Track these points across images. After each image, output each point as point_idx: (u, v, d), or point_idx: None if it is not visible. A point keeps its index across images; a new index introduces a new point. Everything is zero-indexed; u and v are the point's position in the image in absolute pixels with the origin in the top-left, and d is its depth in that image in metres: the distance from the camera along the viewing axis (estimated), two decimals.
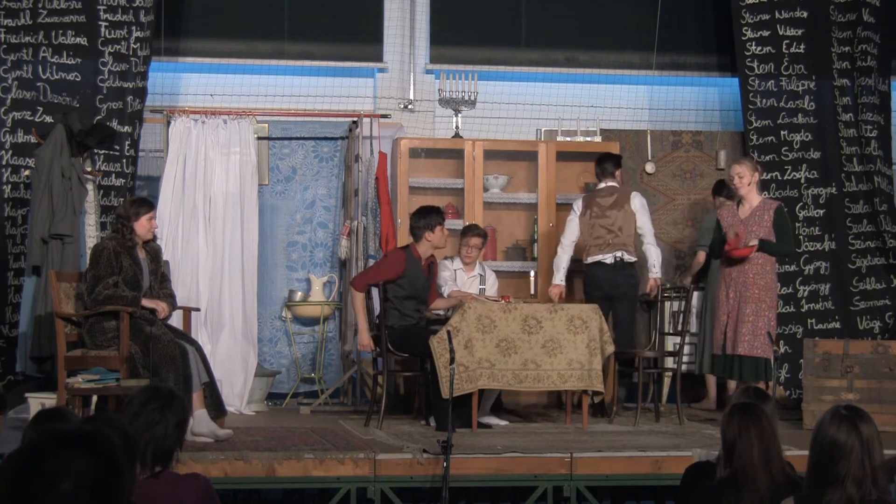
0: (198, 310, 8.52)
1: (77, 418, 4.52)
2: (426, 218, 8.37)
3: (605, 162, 9.17)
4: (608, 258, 8.95)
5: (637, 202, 9.03)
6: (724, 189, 9.75)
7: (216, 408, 7.37)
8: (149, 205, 7.47)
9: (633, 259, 9.01)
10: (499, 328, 7.86)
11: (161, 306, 7.37)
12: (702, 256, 9.63)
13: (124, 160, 9.65)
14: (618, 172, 9.22)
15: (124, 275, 7.23)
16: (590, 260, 9.03)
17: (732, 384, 9.02)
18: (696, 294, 9.36)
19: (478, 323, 7.83)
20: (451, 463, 6.15)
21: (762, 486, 4.08)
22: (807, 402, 8.36)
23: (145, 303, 7.33)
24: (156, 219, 7.53)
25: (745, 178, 8.40)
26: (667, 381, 9.42)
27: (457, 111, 10.06)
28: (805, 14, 10.59)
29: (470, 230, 8.85)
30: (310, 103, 10.30)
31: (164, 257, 8.92)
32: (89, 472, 2.45)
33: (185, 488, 4.08)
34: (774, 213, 8.39)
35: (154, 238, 7.54)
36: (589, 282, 9.08)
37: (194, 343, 7.43)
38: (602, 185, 9.15)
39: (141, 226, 7.31)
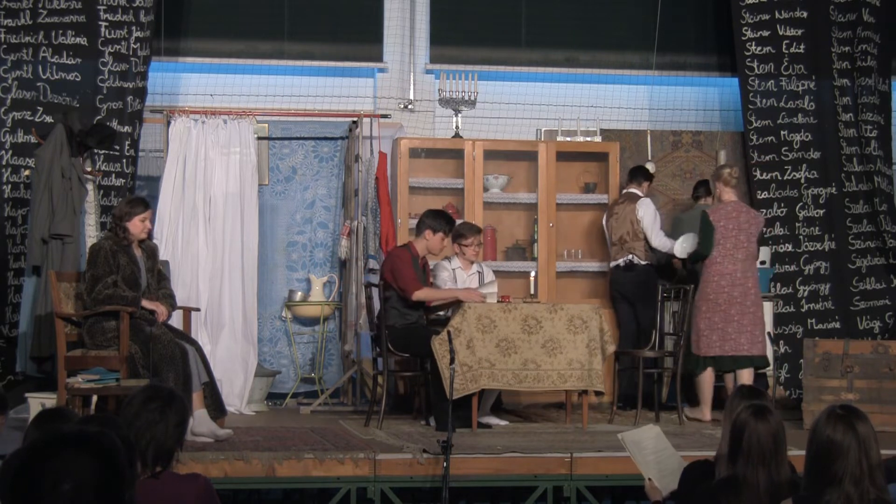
0: (198, 310, 8.52)
1: (78, 418, 4.52)
2: (436, 220, 8.41)
3: (637, 171, 9.79)
4: (621, 261, 9.57)
5: (641, 210, 9.51)
6: (700, 188, 10.06)
7: (216, 408, 7.37)
8: (144, 204, 7.47)
9: (644, 262, 9.49)
10: (499, 328, 7.86)
11: (161, 309, 7.37)
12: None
13: (124, 160, 9.65)
14: (646, 184, 9.73)
15: (122, 273, 7.24)
16: (611, 264, 9.68)
17: (730, 384, 9.05)
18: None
19: (478, 323, 7.84)
20: (451, 463, 6.15)
21: (762, 486, 4.08)
22: (807, 402, 8.36)
23: (145, 303, 7.33)
24: (150, 219, 7.50)
25: (716, 188, 8.93)
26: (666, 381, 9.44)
27: (457, 111, 10.06)
28: (805, 14, 10.59)
29: (468, 230, 8.73)
30: (310, 103, 10.30)
31: (165, 257, 8.94)
32: (91, 473, 2.45)
33: (186, 488, 4.09)
34: None
35: (149, 237, 7.55)
36: (610, 284, 9.76)
37: (194, 343, 7.43)
38: (625, 190, 9.76)
39: (134, 225, 7.33)
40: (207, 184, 9.33)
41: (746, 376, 8.58)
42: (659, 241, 9.46)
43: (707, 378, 8.72)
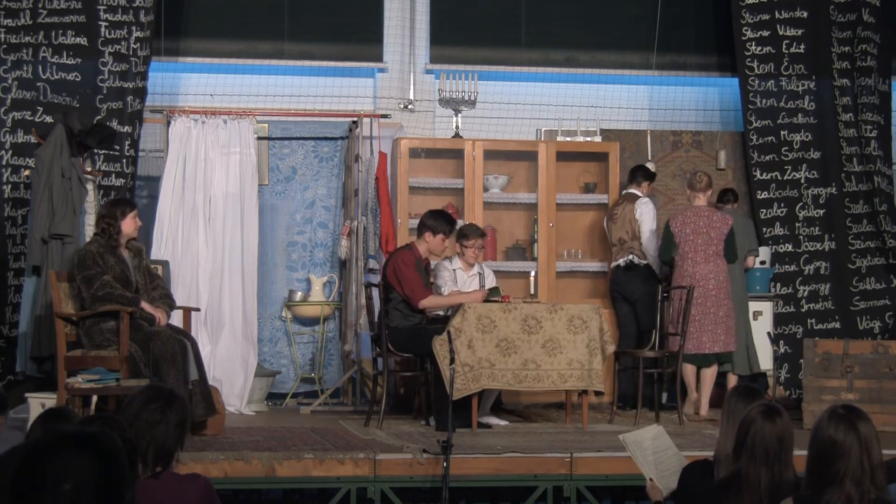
0: (198, 310, 8.52)
1: (80, 418, 4.52)
2: (436, 221, 8.40)
3: (636, 170, 9.85)
4: (622, 261, 9.60)
5: (640, 210, 9.57)
6: (728, 193, 10.02)
7: (206, 406, 7.25)
8: (132, 204, 7.63)
9: (644, 262, 9.54)
10: (499, 328, 7.86)
11: (160, 315, 7.37)
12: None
13: (124, 160, 9.65)
14: (646, 184, 9.77)
15: (112, 273, 7.25)
16: (612, 264, 9.72)
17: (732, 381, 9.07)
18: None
19: (478, 323, 7.83)
20: (451, 463, 6.15)
21: (764, 485, 4.07)
22: (807, 402, 8.37)
23: (145, 306, 7.33)
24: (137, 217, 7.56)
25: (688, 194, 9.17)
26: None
27: (457, 111, 10.06)
28: (805, 14, 10.59)
29: (472, 232, 8.70)
30: (310, 103, 10.30)
31: (165, 257, 8.95)
32: (91, 472, 2.45)
33: (186, 489, 4.09)
34: None
35: (135, 237, 7.58)
36: (610, 284, 9.77)
37: (190, 339, 7.42)
38: (624, 191, 9.82)
39: (127, 224, 7.39)
40: (207, 184, 9.33)
41: (709, 374, 8.84)
42: (649, 247, 9.48)
43: (687, 373, 8.84)
